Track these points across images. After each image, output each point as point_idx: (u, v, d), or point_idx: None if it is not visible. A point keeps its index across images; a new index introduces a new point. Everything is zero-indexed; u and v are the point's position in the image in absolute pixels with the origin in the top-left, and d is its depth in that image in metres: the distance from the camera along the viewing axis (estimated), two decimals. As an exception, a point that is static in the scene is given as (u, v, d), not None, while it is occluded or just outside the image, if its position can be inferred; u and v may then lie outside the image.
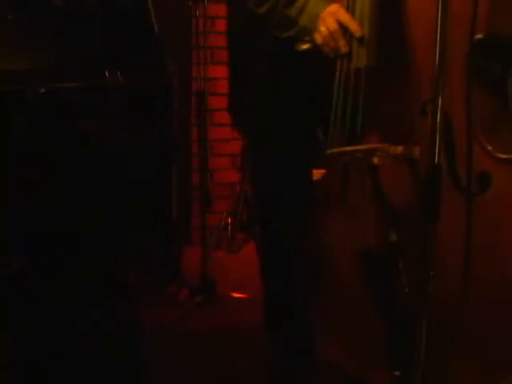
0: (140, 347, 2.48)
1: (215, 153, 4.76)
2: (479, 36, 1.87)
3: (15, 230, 2.31)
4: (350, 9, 2.07)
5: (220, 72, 4.80)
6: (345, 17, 2.06)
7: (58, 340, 2.34)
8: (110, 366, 2.38)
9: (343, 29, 2.05)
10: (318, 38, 2.09)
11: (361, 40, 2.04)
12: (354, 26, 2.04)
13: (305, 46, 2.13)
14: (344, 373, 2.19)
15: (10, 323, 2.34)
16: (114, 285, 2.45)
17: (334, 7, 2.08)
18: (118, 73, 2.37)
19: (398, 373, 1.91)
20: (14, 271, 2.31)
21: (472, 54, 1.83)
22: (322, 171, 2.24)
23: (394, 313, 1.97)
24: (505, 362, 1.87)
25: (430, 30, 1.69)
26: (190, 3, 3.89)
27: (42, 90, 2.30)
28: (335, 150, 2.10)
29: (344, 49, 2.06)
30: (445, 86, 1.70)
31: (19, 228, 2.32)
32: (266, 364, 2.51)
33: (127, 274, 2.51)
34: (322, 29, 2.08)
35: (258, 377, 2.66)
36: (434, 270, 1.64)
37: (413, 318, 1.64)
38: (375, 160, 2.00)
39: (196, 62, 4.09)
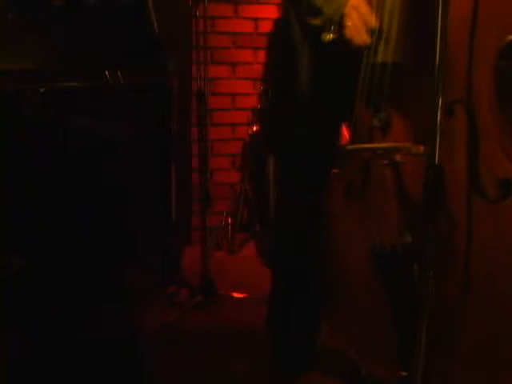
0: (140, 347, 2.48)
1: (215, 153, 4.76)
2: (511, 37, 1.85)
3: (15, 230, 2.31)
4: (380, 4, 2.01)
5: (220, 72, 4.81)
6: (364, 10, 2.02)
7: (57, 340, 2.34)
8: (110, 366, 2.38)
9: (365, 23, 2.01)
10: (346, 34, 2.06)
11: (388, 35, 1.99)
12: (370, 20, 2.00)
13: (329, 37, 2.10)
14: (346, 372, 2.19)
15: (10, 323, 2.34)
16: (114, 285, 2.45)
17: (355, 0, 2.04)
18: (118, 73, 2.37)
19: (405, 373, 1.90)
20: (14, 271, 2.30)
21: (471, 54, 1.82)
22: (336, 171, 2.21)
23: (404, 313, 1.95)
24: (507, 364, 1.87)
25: (461, 28, 1.66)
26: (190, 3, 3.88)
27: (42, 90, 2.30)
28: (356, 146, 2.07)
29: (368, 43, 2.01)
30: (472, 86, 1.67)
31: (19, 228, 2.32)
32: (266, 364, 2.51)
33: (127, 274, 2.51)
34: (348, 24, 2.04)
35: (257, 377, 2.66)
36: (434, 269, 1.64)
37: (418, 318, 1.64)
38: (398, 157, 1.97)
39: (196, 62, 4.08)
